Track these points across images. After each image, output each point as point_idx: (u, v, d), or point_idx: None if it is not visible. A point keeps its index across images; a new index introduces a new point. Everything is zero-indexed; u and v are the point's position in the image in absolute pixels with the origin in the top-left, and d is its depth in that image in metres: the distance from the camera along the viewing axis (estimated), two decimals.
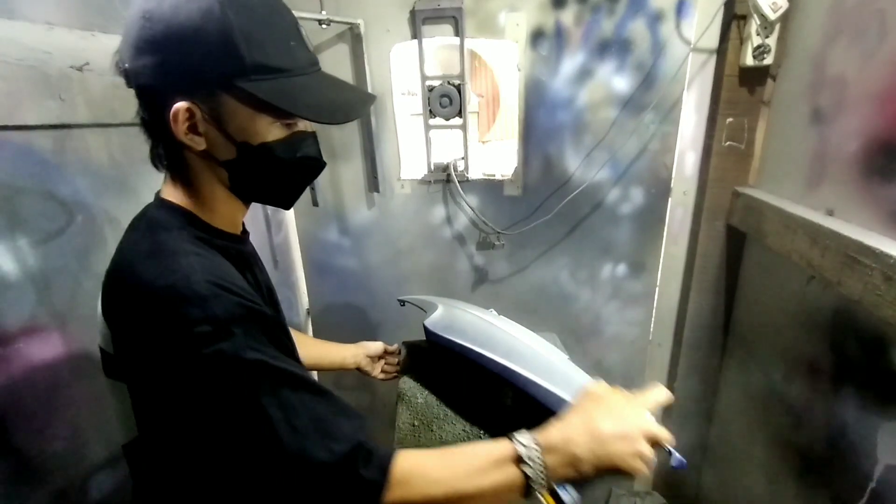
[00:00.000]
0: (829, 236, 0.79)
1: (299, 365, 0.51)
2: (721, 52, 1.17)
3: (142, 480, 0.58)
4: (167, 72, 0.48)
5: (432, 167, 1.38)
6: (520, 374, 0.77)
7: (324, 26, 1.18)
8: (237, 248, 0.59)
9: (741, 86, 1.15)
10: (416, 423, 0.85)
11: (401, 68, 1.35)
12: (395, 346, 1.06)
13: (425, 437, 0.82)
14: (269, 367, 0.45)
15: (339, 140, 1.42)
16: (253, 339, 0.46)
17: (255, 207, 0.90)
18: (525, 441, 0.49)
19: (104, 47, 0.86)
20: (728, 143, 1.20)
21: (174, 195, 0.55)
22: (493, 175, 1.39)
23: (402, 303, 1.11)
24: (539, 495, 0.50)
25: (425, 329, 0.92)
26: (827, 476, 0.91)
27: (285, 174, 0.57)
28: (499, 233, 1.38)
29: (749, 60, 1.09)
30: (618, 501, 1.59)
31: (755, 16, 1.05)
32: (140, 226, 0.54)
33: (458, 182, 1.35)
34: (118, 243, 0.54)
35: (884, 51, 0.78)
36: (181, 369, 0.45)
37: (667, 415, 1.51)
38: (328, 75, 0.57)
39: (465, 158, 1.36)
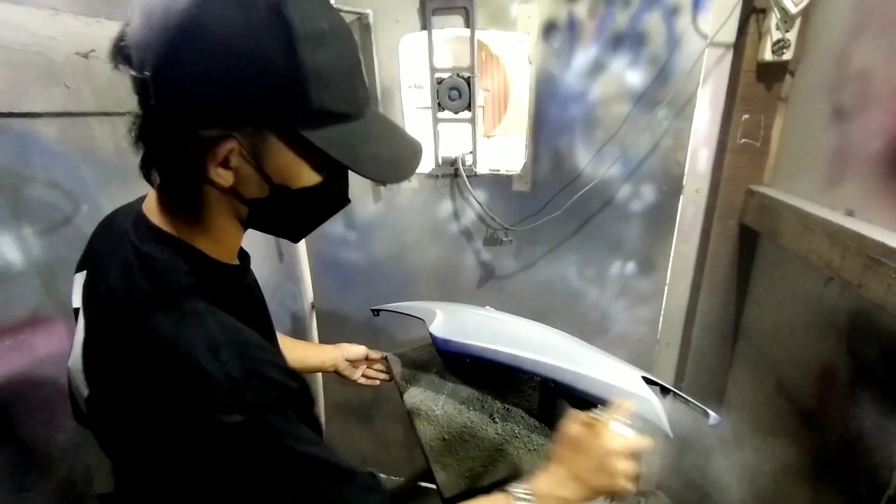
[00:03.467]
0: (851, 237, 0.77)
1: (320, 437, 0.47)
2: (738, 46, 1.14)
3: None
4: (211, 96, 0.40)
5: (440, 161, 1.36)
6: (564, 370, 0.77)
7: None
8: (240, 281, 0.55)
9: (758, 81, 1.12)
10: (446, 438, 0.82)
11: (409, 60, 1.32)
12: (377, 353, 1.03)
13: (462, 450, 0.79)
14: (301, 457, 0.42)
15: None
16: (290, 424, 0.42)
17: None
18: (521, 493, 0.54)
19: (110, 34, 0.84)
20: (743, 140, 1.17)
21: (167, 223, 0.47)
22: (499, 170, 1.37)
23: (376, 312, 1.07)
24: None
25: (435, 339, 0.89)
26: (841, 483, 0.90)
27: (314, 214, 0.53)
28: (507, 229, 1.37)
29: (767, 55, 1.06)
30: (622, 500, 1.58)
31: (775, 9, 1.02)
32: (133, 263, 0.45)
33: (466, 177, 1.33)
34: (102, 279, 0.47)
35: None
36: (198, 454, 0.40)
37: (676, 416, 1.50)
38: (379, 115, 0.52)
39: (473, 153, 1.34)
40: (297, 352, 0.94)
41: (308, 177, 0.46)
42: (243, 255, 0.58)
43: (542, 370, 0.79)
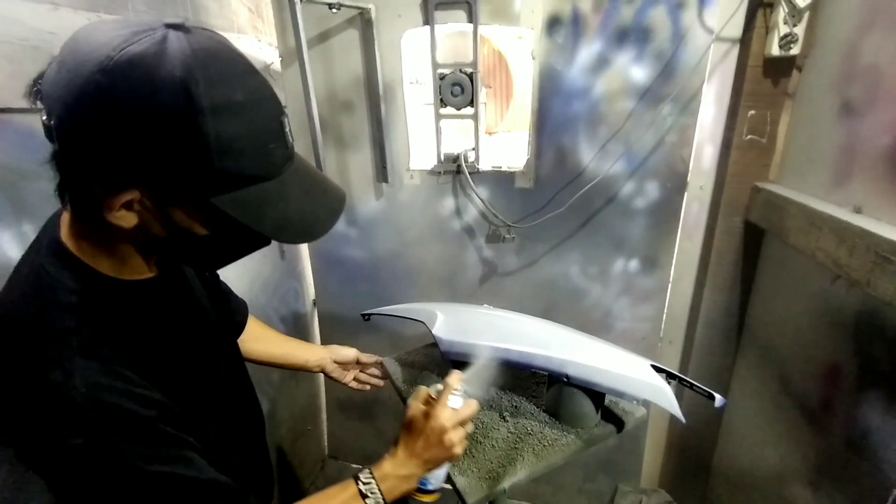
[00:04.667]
0: (859, 234, 0.76)
1: (191, 453, 0.50)
2: (745, 41, 1.13)
3: None
4: (111, 155, 0.40)
5: (442, 158, 1.35)
6: (577, 364, 0.78)
7: (334, 10, 1.15)
8: (150, 295, 0.54)
9: (765, 77, 1.11)
10: None
11: (411, 56, 1.31)
12: (370, 357, 1.00)
13: (478, 452, 0.78)
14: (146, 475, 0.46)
15: (348, 129, 1.40)
16: (140, 446, 0.46)
17: None
18: (364, 478, 0.60)
19: None
20: (749, 136, 1.16)
21: (72, 242, 0.48)
22: (501, 167, 1.36)
23: (367, 317, 1.04)
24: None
25: (440, 342, 0.88)
26: (845, 482, 0.89)
27: (223, 255, 0.53)
28: (509, 226, 1.36)
29: (775, 50, 1.05)
30: (623, 499, 1.58)
31: (783, 3, 1.01)
32: (29, 275, 0.48)
33: (469, 173, 1.32)
34: (10, 286, 0.49)
35: None
36: (52, 468, 0.44)
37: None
38: (301, 169, 0.51)
39: (475, 149, 1.33)
40: (282, 348, 0.92)
41: (214, 228, 0.47)
42: (164, 267, 0.57)
43: (554, 366, 0.79)
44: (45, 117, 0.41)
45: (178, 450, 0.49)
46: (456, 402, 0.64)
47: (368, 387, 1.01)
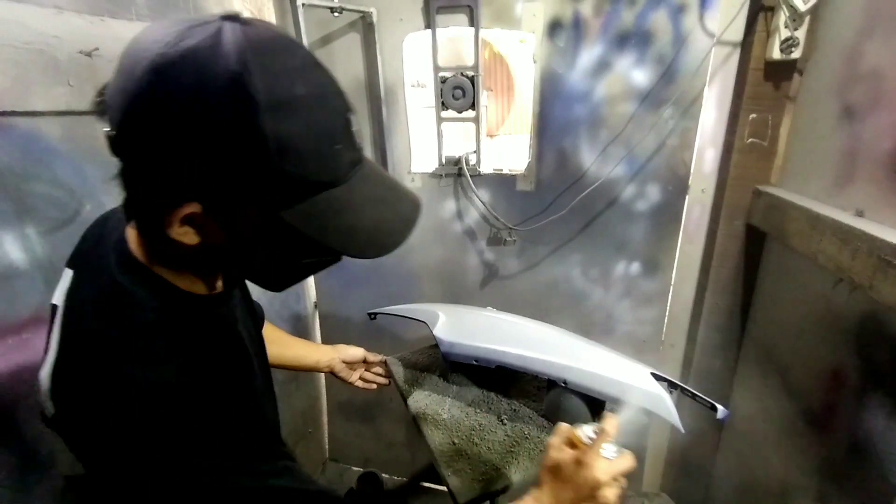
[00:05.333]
0: (861, 238, 0.76)
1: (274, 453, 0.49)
2: (746, 45, 1.13)
3: None
4: (167, 164, 0.38)
5: (443, 160, 1.36)
6: (576, 370, 0.77)
7: (336, 14, 1.15)
8: (215, 312, 0.53)
9: (766, 80, 1.11)
10: (455, 442, 0.81)
11: (413, 59, 1.32)
12: (376, 356, 1.01)
13: (473, 453, 0.78)
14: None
15: None
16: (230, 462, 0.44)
17: None
18: None
19: (114, 33, 0.84)
20: (750, 139, 1.16)
21: (142, 254, 0.47)
22: (502, 170, 1.37)
23: (373, 316, 1.06)
24: None
25: (441, 342, 0.88)
26: (848, 486, 0.88)
27: (293, 272, 0.51)
28: (510, 228, 1.36)
29: (776, 54, 1.05)
30: (626, 502, 1.57)
31: (784, 7, 1.01)
32: (108, 294, 0.45)
33: (470, 176, 1.32)
34: (80, 302, 0.47)
35: None
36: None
37: (680, 416, 1.49)
38: (372, 174, 0.47)
39: (477, 152, 1.33)
40: (293, 349, 0.93)
41: (279, 242, 0.44)
42: (230, 285, 0.56)
43: (553, 370, 0.79)
44: (107, 128, 0.39)
45: (277, 462, 0.48)
46: (610, 451, 0.56)
47: (375, 386, 1.02)
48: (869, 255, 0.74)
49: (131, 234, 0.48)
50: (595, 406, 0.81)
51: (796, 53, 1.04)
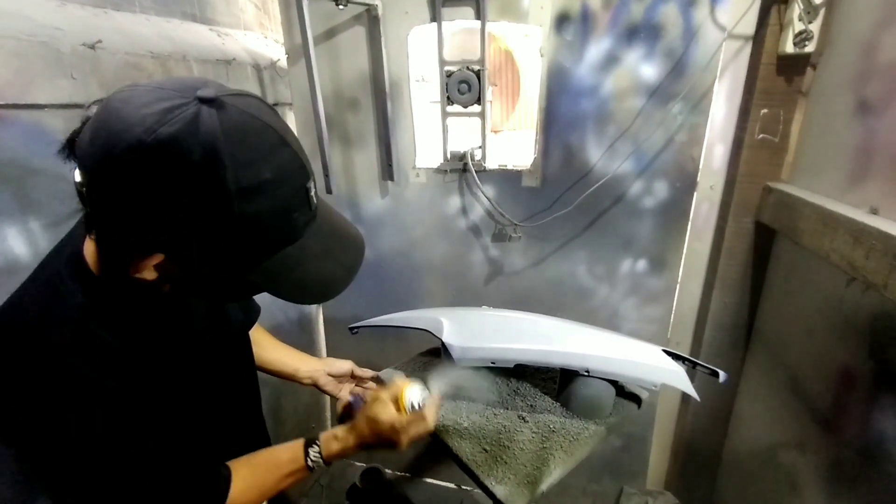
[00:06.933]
0: (876, 236, 0.74)
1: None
2: (758, 38, 1.11)
3: None
4: (142, 222, 0.42)
5: (448, 156, 1.34)
6: (596, 357, 0.79)
7: (341, 7, 1.14)
8: (158, 305, 0.57)
9: (778, 75, 1.09)
10: (486, 449, 0.78)
11: (418, 53, 1.30)
12: (366, 372, 0.95)
13: (508, 457, 0.76)
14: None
15: (353, 126, 1.39)
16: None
17: None
18: (314, 456, 0.67)
19: (117, 25, 0.83)
20: (761, 135, 1.14)
21: (95, 265, 0.51)
22: (508, 165, 1.35)
23: (354, 330, 1.01)
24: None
25: (452, 349, 0.85)
26: (857, 487, 0.87)
27: (236, 296, 0.58)
28: (515, 225, 1.35)
29: (789, 48, 1.03)
30: (628, 501, 1.57)
31: (798, 0, 0.99)
32: (45, 281, 0.51)
33: (475, 172, 1.31)
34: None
35: None
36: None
37: (685, 414, 1.48)
38: (323, 225, 0.52)
39: (482, 147, 1.32)
40: (274, 353, 0.90)
41: (233, 286, 0.50)
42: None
43: (574, 361, 0.79)
44: (78, 180, 0.43)
45: (150, 428, 0.53)
46: (416, 398, 0.70)
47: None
48: (884, 255, 0.72)
49: (88, 242, 0.52)
50: (612, 388, 0.82)
51: (810, 47, 1.02)
